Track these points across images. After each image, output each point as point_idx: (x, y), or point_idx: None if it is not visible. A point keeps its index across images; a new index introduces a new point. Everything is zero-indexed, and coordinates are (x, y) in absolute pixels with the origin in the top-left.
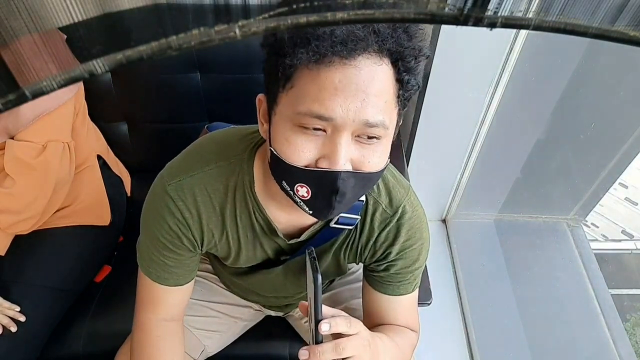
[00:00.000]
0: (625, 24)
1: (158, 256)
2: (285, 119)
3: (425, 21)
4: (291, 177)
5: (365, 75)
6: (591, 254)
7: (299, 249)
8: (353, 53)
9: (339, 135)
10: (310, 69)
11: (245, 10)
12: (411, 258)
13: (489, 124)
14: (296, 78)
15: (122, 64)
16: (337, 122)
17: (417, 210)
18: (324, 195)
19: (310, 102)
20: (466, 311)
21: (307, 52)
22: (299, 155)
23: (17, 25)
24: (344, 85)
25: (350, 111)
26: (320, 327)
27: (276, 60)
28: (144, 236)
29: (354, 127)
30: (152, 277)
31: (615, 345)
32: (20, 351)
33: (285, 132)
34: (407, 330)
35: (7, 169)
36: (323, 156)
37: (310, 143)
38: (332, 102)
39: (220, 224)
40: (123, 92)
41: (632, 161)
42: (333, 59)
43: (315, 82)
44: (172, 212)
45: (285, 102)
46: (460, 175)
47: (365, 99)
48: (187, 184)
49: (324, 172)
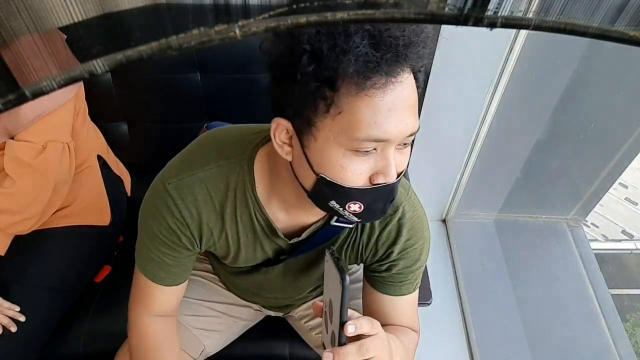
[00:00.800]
0: (625, 24)
1: (157, 253)
2: (335, 145)
3: (425, 21)
4: (344, 197)
5: (406, 88)
6: (591, 254)
7: (298, 248)
8: (395, 69)
9: (390, 151)
10: (359, 94)
11: (245, 10)
12: (413, 258)
13: (489, 124)
14: (345, 103)
15: (122, 64)
16: (392, 140)
17: (418, 209)
18: (379, 205)
19: (367, 127)
20: (466, 311)
21: (353, 64)
22: (357, 178)
23: (17, 25)
24: (396, 104)
25: (402, 129)
26: (346, 329)
27: (313, 84)
28: (142, 234)
29: (400, 139)
30: (149, 275)
31: (615, 345)
32: (20, 351)
33: (338, 158)
34: (409, 331)
35: (6, 169)
36: (377, 172)
37: (365, 164)
38: (389, 125)
39: (219, 223)
40: (123, 92)
41: (632, 161)
42: (381, 79)
43: (370, 107)
44: (171, 210)
45: (333, 128)
46: (460, 175)
47: (410, 114)
48: (188, 183)
49: (381, 187)
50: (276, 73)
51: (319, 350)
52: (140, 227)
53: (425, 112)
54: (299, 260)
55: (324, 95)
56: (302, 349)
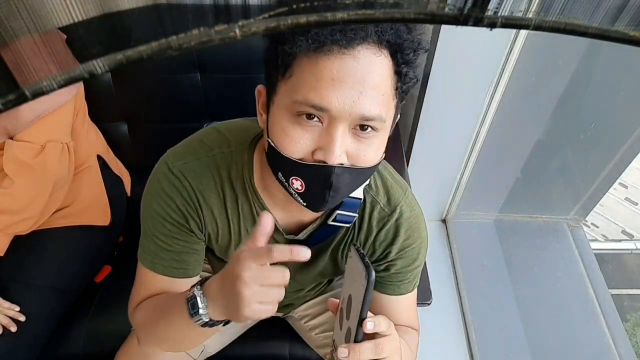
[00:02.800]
0: (625, 24)
1: (165, 240)
2: (282, 108)
3: (425, 21)
4: (286, 169)
5: (363, 66)
6: (591, 254)
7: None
8: (352, 42)
9: (335, 127)
10: (309, 57)
11: (245, 10)
12: (411, 257)
13: (489, 124)
14: (295, 66)
15: (122, 64)
16: (333, 113)
17: (415, 209)
18: (317, 189)
19: (307, 91)
20: (466, 311)
21: (307, 39)
22: (295, 146)
23: (17, 25)
24: (342, 76)
25: (347, 104)
26: (365, 325)
27: (276, 48)
28: (148, 223)
29: (351, 119)
30: (158, 269)
31: (615, 346)
32: (20, 351)
33: (282, 122)
34: (411, 330)
35: (6, 169)
36: (319, 147)
37: (307, 134)
38: (329, 93)
39: (223, 211)
40: (123, 92)
41: (632, 161)
42: (332, 47)
43: (313, 71)
44: (180, 191)
45: (283, 91)
46: (460, 175)
47: (362, 92)
48: (193, 167)
49: (318, 166)
50: (264, 35)
51: (319, 350)
52: (145, 218)
53: (426, 112)
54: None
55: (282, 58)
56: (302, 349)
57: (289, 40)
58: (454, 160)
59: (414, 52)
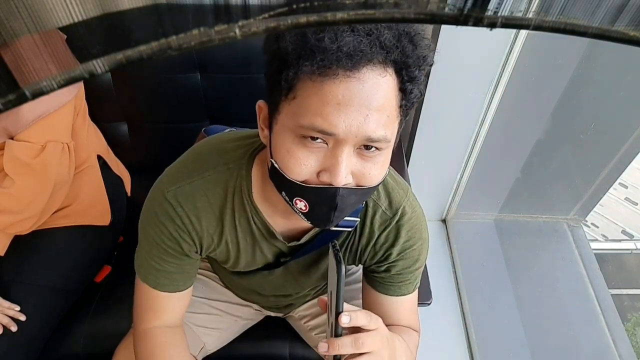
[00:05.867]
0: (625, 24)
1: (159, 262)
2: (286, 129)
3: (425, 21)
4: (290, 190)
5: (368, 88)
6: (591, 254)
7: (298, 251)
8: (358, 65)
9: (341, 149)
10: (314, 80)
11: (245, 10)
12: (412, 258)
13: (489, 124)
14: (299, 89)
15: (122, 64)
16: (339, 136)
17: (417, 210)
18: (323, 210)
19: (313, 115)
20: (466, 311)
21: (312, 64)
22: (300, 168)
23: (17, 25)
24: (347, 100)
25: (353, 127)
26: (340, 319)
27: (279, 69)
28: (143, 243)
29: (356, 141)
30: (151, 283)
31: (616, 346)
32: (20, 351)
33: (287, 143)
34: (411, 331)
35: (6, 169)
36: (324, 169)
37: (312, 155)
38: (335, 118)
39: (219, 229)
40: (123, 92)
41: (632, 161)
42: (337, 71)
43: (319, 95)
44: (172, 218)
45: (287, 112)
46: (460, 175)
47: (368, 115)
48: (187, 191)
49: (323, 188)
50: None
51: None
52: (141, 237)
53: (426, 112)
54: (299, 262)
55: (286, 79)
56: (302, 349)
57: (293, 64)
58: (454, 160)
59: (419, 69)
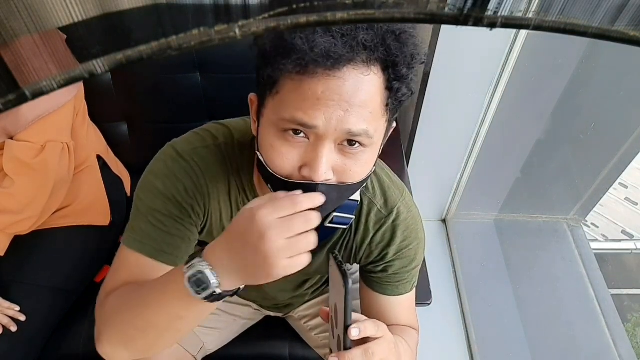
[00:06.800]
0: (625, 24)
1: (163, 221)
2: (270, 124)
3: (425, 21)
4: (274, 184)
5: (350, 86)
6: (591, 254)
7: None
8: (337, 64)
9: (322, 144)
10: (293, 79)
11: (245, 10)
12: (408, 258)
13: (489, 124)
14: (281, 85)
15: (122, 64)
16: (319, 130)
17: (412, 210)
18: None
19: (294, 110)
20: (466, 311)
21: (289, 63)
22: (282, 162)
23: (17, 25)
24: (327, 95)
25: (333, 120)
26: (350, 333)
27: (263, 66)
28: (146, 202)
29: (337, 135)
30: (147, 250)
31: (616, 346)
32: (20, 351)
33: (270, 137)
34: (411, 330)
35: (6, 169)
36: (305, 164)
37: (294, 150)
38: (315, 112)
39: (227, 202)
40: (123, 92)
41: (632, 161)
42: (317, 70)
43: (299, 92)
44: (190, 174)
45: (271, 106)
46: (460, 175)
47: (348, 109)
48: (202, 153)
49: (304, 184)
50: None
51: (319, 350)
52: (142, 197)
53: (426, 112)
54: None
55: (269, 75)
56: (302, 349)
57: (271, 63)
58: (454, 161)
59: (407, 68)
